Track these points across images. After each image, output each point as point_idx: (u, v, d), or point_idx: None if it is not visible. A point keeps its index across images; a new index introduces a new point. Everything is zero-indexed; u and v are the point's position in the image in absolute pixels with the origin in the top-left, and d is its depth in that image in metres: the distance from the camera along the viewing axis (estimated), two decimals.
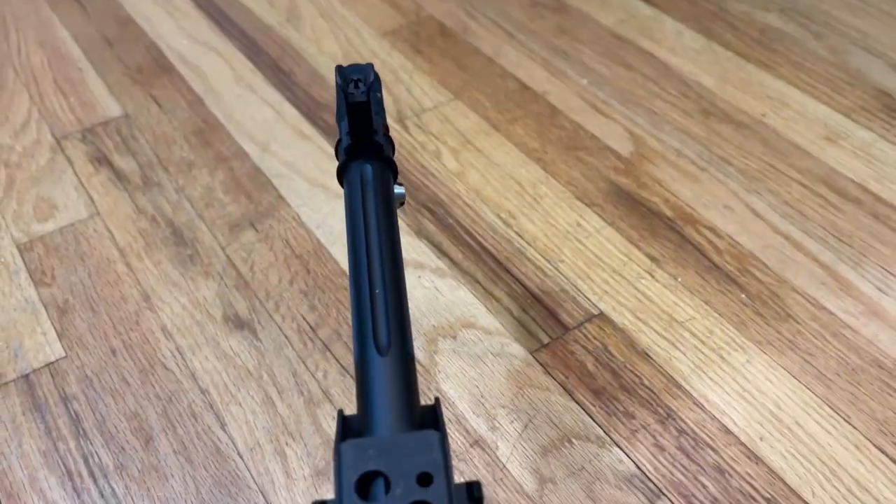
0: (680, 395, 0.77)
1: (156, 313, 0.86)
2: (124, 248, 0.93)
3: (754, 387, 0.77)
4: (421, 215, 0.96)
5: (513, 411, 0.76)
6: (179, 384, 0.79)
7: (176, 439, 0.75)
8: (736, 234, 0.91)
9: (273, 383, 0.79)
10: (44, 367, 0.81)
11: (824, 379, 0.78)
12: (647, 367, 0.79)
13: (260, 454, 0.74)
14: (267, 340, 0.83)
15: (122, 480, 0.72)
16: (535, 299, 0.86)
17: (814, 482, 0.70)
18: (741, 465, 0.72)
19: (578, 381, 0.78)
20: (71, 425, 0.76)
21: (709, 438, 0.74)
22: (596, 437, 0.74)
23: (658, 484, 0.70)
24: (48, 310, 0.87)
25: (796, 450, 0.72)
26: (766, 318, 0.83)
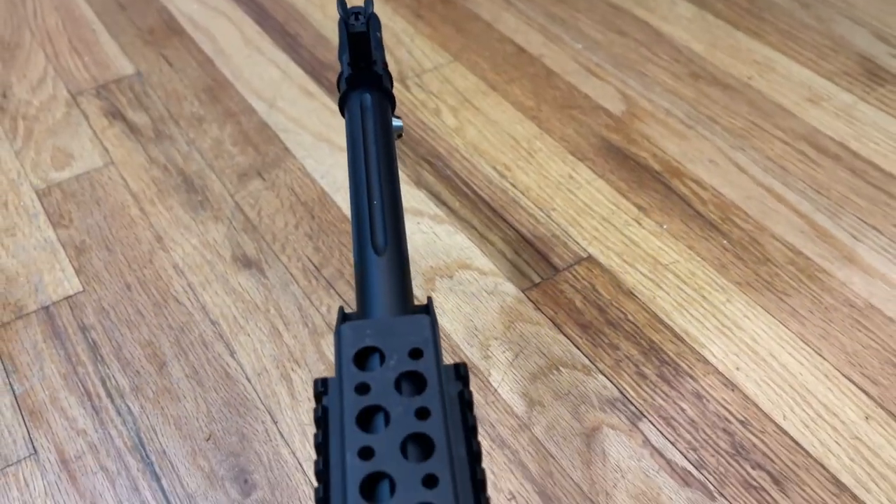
0: (662, 329, 0.82)
1: (168, 253, 0.91)
2: (138, 194, 0.98)
3: (732, 323, 0.82)
4: (420, 167, 1.00)
5: (504, 343, 0.81)
6: (191, 316, 0.84)
7: (188, 365, 0.80)
8: (720, 186, 0.96)
9: (279, 316, 0.84)
10: (62, 301, 0.86)
11: (798, 316, 0.82)
12: (632, 304, 0.84)
13: (267, 379, 0.79)
14: (274, 278, 0.88)
15: (138, 401, 0.77)
16: (527, 243, 0.91)
17: (785, 407, 0.75)
18: (718, 391, 0.76)
19: (567, 317, 0.83)
20: (89, 352, 0.81)
21: (688, 368, 0.78)
22: (582, 366, 0.79)
23: (639, 407, 0.75)
24: (66, 249, 0.92)
25: (770, 378, 0.77)
26: (745, 261, 0.88)
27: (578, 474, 0.71)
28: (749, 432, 0.73)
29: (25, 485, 0.71)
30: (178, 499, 0.70)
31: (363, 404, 0.40)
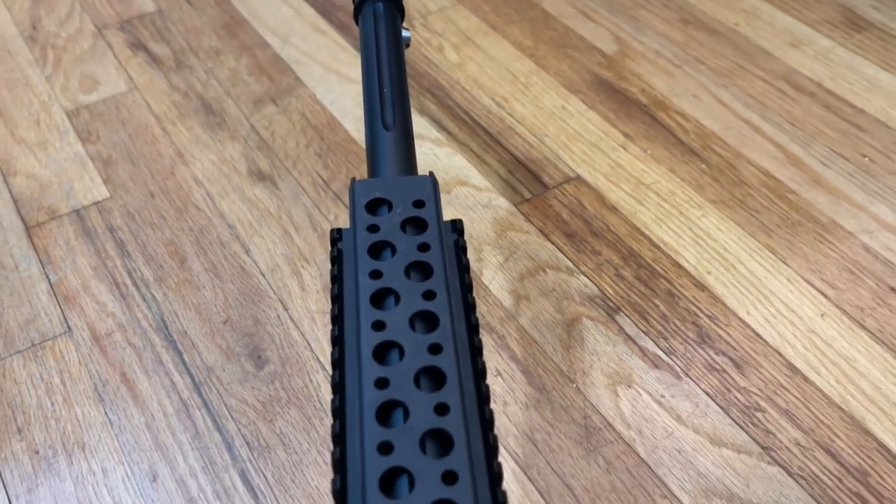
0: (641, 239, 0.89)
1: (188, 167, 0.98)
2: (160, 116, 1.05)
3: (706, 234, 0.89)
4: (423, 97, 1.08)
5: (496, 248, 0.89)
6: (209, 220, 0.92)
7: (206, 261, 0.88)
8: (702, 119, 1.03)
9: (291, 222, 0.92)
10: (92, 205, 0.94)
11: (767, 230, 0.89)
12: (615, 217, 0.91)
13: (279, 274, 0.86)
14: (286, 190, 0.95)
15: (161, 289, 0.85)
16: (520, 164, 0.98)
17: (749, 305, 0.82)
18: (689, 291, 0.84)
19: (554, 227, 0.90)
20: (116, 248, 0.89)
21: (663, 271, 0.86)
22: (566, 268, 0.86)
23: (617, 303, 0.83)
24: (94, 162, 0.99)
25: (737, 281, 0.84)
26: (721, 183, 0.95)
27: (558, 357, 0.78)
28: (715, 325, 0.81)
29: (61, 356, 0.79)
30: (198, 370, 0.78)
31: (374, 240, 0.47)
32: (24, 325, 0.82)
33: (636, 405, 0.75)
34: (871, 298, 0.83)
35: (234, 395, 0.76)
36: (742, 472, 0.70)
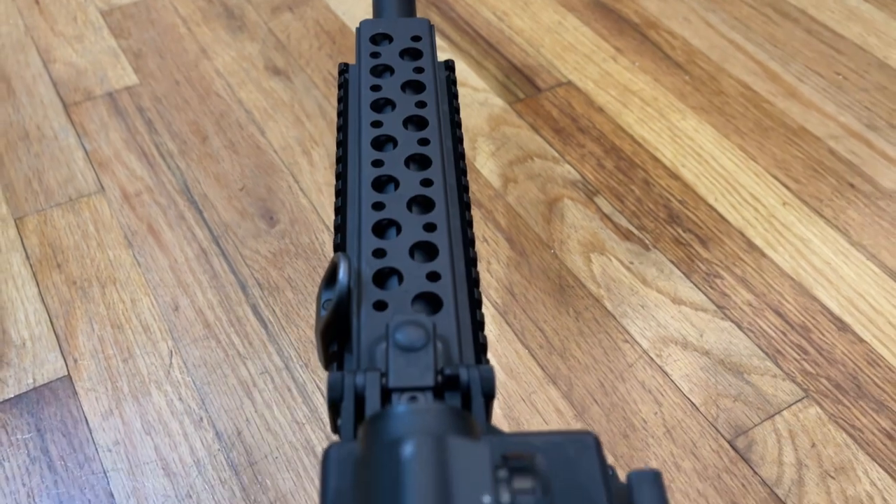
0: (623, 136, 0.97)
1: (211, 61, 1.07)
2: (185, 18, 1.14)
3: (684, 134, 0.97)
4: (428, 10, 1.16)
5: (489, 139, 0.97)
6: (229, 106, 1.00)
7: (225, 139, 0.96)
8: (689, 38, 1.11)
9: (302, 110, 1.00)
10: (123, 90, 1.03)
11: (741, 133, 0.97)
12: (601, 117, 0.99)
13: (291, 152, 0.95)
14: (299, 83, 1.04)
15: (185, 160, 0.94)
16: (516, 70, 1.06)
17: (717, 193, 0.90)
18: (664, 180, 0.92)
19: (544, 123, 0.99)
20: (145, 125, 0.98)
21: (641, 163, 0.94)
22: (552, 157, 0.94)
23: (596, 187, 0.91)
24: (126, 54, 1.08)
25: (708, 173, 0.92)
26: (702, 92, 1.03)
27: (539, 228, 0.87)
28: (684, 208, 0.89)
29: (95, 209, 0.88)
30: (216, 225, 0.87)
31: (375, 63, 0.56)
32: (62, 183, 0.91)
33: (606, 269, 0.83)
34: (831, 192, 0.91)
35: (248, 246, 0.85)
36: (697, 325, 0.79)
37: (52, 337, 0.78)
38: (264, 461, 0.69)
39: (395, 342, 0.37)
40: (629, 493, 0.32)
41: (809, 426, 0.72)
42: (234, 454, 0.70)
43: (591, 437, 0.33)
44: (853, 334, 0.78)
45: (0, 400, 0.73)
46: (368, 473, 0.28)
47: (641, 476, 0.32)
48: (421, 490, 0.26)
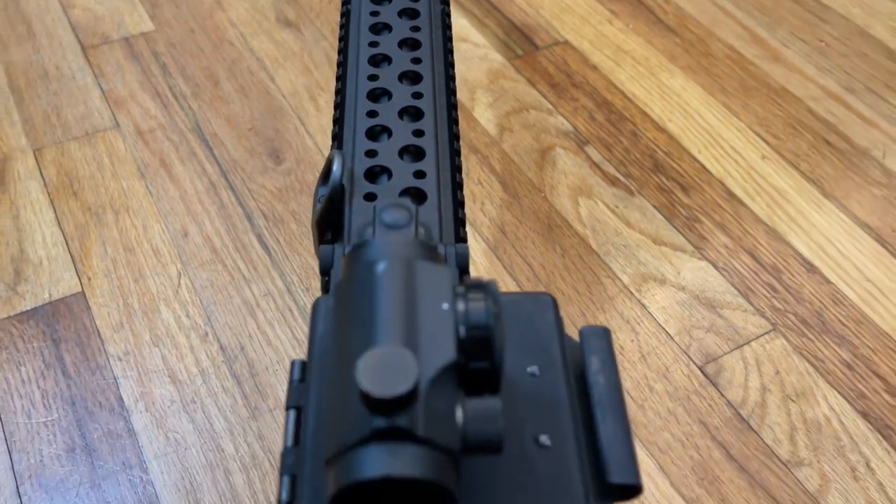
0: (615, 91, 1.02)
1: (225, 12, 1.11)
2: None
3: (672, 91, 1.02)
4: None
5: (488, 91, 1.02)
6: (241, 54, 1.05)
7: (236, 83, 1.01)
8: (681, 3, 1.15)
9: (311, 60, 1.05)
10: (139, 35, 1.07)
11: (726, 92, 1.02)
12: (594, 74, 1.04)
13: (298, 98, 0.99)
14: (308, 35, 1.08)
15: (197, 102, 0.98)
16: (516, 28, 1.11)
17: (701, 145, 0.95)
18: (651, 132, 0.97)
19: (540, 78, 1.03)
20: (159, 69, 1.02)
21: (630, 117, 0.98)
22: (546, 109, 0.99)
23: (587, 137, 0.96)
24: (142, 2, 1.12)
25: (693, 127, 0.97)
26: (691, 53, 1.07)
27: (531, 173, 0.92)
28: (669, 159, 0.93)
29: (111, 143, 0.93)
30: (226, 162, 0.91)
31: None
32: (79, 119, 0.96)
33: (593, 211, 0.88)
34: (808, 148, 0.95)
35: (255, 181, 0.90)
36: (676, 264, 0.83)
37: (68, 257, 0.83)
38: (265, 373, 0.74)
39: (380, 221, 0.42)
40: (580, 344, 0.37)
41: (775, 356, 0.76)
42: (237, 366, 0.75)
43: (549, 296, 0.38)
44: (821, 276, 0.83)
45: (18, 312, 0.78)
46: (348, 289, 0.33)
47: (592, 330, 0.37)
48: (391, 297, 0.31)
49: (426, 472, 0.27)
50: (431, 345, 0.30)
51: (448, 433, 0.28)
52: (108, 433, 0.70)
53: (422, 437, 0.27)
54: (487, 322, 0.30)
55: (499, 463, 0.33)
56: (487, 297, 0.31)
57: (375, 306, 0.31)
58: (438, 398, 0.28)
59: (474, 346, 0.30)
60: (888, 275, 0.83)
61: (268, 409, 0.72)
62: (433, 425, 0.27)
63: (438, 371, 0.29)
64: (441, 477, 0.27)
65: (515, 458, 0.33)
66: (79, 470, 0.68)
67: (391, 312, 0.30)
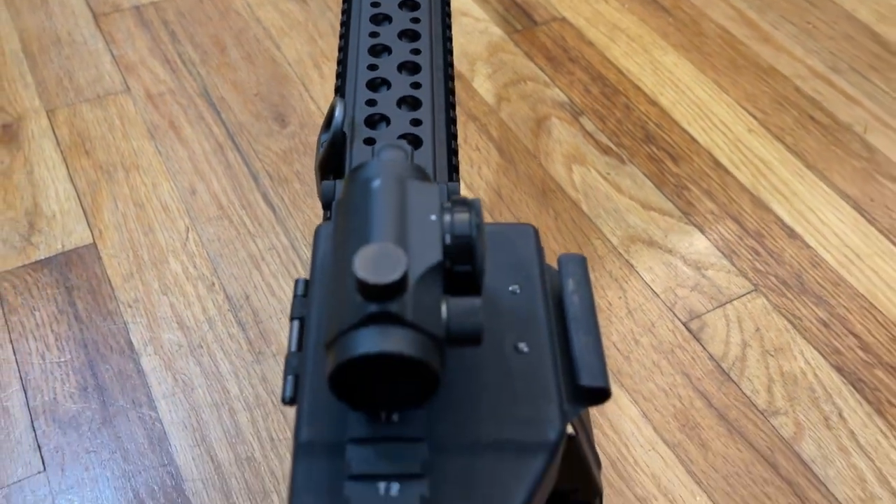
0: (609, 66, 1.05)
1: None
2: None
3: (664, 68, 1.05)
4: None
5: (487, 63, 1.05)
6: (247, 23, 1.08)
7: (243, 51, 1.04)
8: None
9: (316, 30, 1.08)
10: (149, 4, 1.10)
11: (716, 69, 1.06)
12: (590, 50, 1.07)
13: (303, 66, 1.03)
14: (314, 5, 1.11)
15: (205, 68, 1.02)
16: (515, 4, 1.14)
17: (691, 118, 0.99)
18: (643, 106, 1.00)
19: (538, 52, 1.07)
20: (169, 36, 1.06)
21: (623, 91, 1.02)
22: (543, 82, 1.02)
23: (582, 108, 0.99)
24: None
25: (683, 101, 1.01)
26: (684, 32, 1.11)
27: (527, 140, 0.95)
28: (660, 130, 0.97)
29: (121, 106, 0.96)
30: (232, 125, 0.95)
31: None
32: (91, 83, 0.99)
33: (585, 178, 0.91)
34: (793, 123, 0.99)
35: (261, 143, 0.93)
36: (663, 227, 0.87)
37: (80, 211, 0.86)
38: (269, 321, 0.78)
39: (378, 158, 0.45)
40: (559, 269, 0.41)
41: (756, 314, 0.80)
42: (242, 314, 0.78)
43: (531, 227, 0.42)
44: (801, 241, 0.86)
45: (32, 261, 0.82)
46: (346, 203, 0.36)
47: (569, 257, 0.41)
48: (385, 206, 0.34)
49: (414, 351, 0.30)
50: (420, 247, 0.33)
51: (434, 322, 0.31)
52: (119, 374, 0.73)
53: (410, 322, 0.30)
54: (471, 232, 0.34)
55: (481, 366, 0.37)
56: (471, 211, 0.34)
57: (371, 214, 0.34)
58: (426, 293, 0.32)
59: (458, 252, 0.34)
60: (865, 241, 0.87)
61: (271, 355, 0.75)
62: (421, 314, 0.31)
63: (426, 270, 0.32)
64: (428, 357, 0.30)
65: (496, 362, 0.37)
66: (90, 407, 0.71)
67: (385, 218, 0.34)
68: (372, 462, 0.32)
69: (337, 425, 0.34)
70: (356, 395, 0.32)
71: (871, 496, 0.68)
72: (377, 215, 0.34)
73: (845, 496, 0.68)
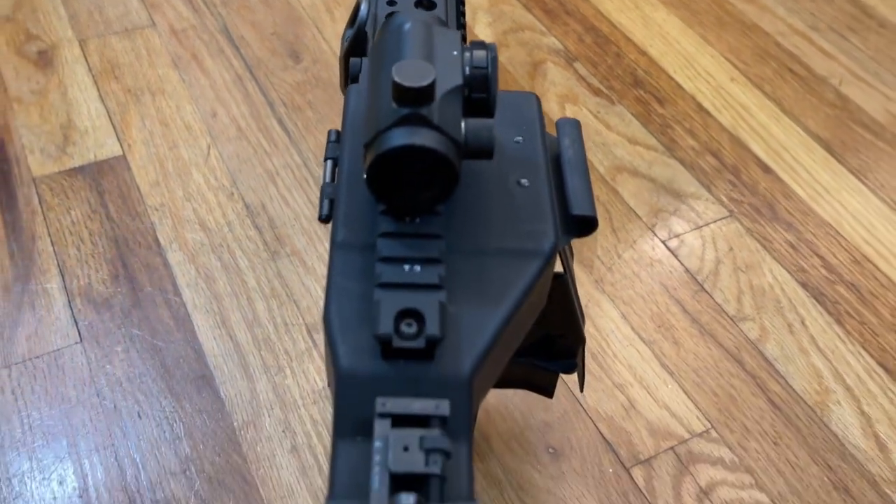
0: (603, 20, 1.12)
1: None
2: None
3: (654, 22, 1.13)
4: None
5: (488, 13, 1.12)
6: None
7: None
8: None
9: None
10: None
11: (703, 25, 1.13)
12: (585, 4, 1.15)
13: (316, 9, 1.10)
14: None
15: (225, 9, 1.09)
16: None
17: (677, 67, 1.06)
18: (633, 55, 1.07)
19: (535, 4, 1.14)
20: None
21: (615, 41, 1.09)
22: (540, 31, 1.10)
23: (575, 55, 1.07)
24: None
25: (672, 53, 1.08)
26: None
27: (524, 82, 1.02)
28: (648, 76, 1.04)
29: (147, 39, 1.03)
30: (250, 59, 1.02)
31: None
32: (119, 17, 1.06)
33: (577, 114, 0.99)
34: (772, 74, 1.06)
35: (276, 76, 1.00)
36: (647, 160, 0.94)
37: (110, 127, 0.93)
38: (284, 227, 0.85)
39: None
40: (557, 130, 0.48)
41: (730, 236, 0.87)
42: (259, 220, 0.85)
43: (534, 95, 0.49)
44: (775, 175, 0.94)
45: (67, 168, 0.89)
46: (380, 43, 0.43)
47: (566, 120, 0.48)
48: (414, 40, 0.41)
49: (439, 146, 0.37)
50: (445, 72, 0.40)
51: (455, 131, 0.38)
52: (147, 265, 0.80)
53: (436, 125, 0.37)
54: (487, 65, 0.41)
55: (489, 195, 0.44)
56: (488, 49, 0.42)
57: (402, 44, 0.41)
58: (449, 107, 0.39)
59: (476, 81, 0.41)
60: (834, 178, 0.94)
61: (286, 255, 0.82)
62: (445, 120, 0.38)
63: (449, 89, 0.39)
64: (449, 154, 0.38)
65: (502, 193, 0.44)
66: (121, 292, 0.78)
67: (415, 45, 0.41)
68: (398, 249, 0.39)
69: (368, 230, 0.41)
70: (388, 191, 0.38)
71: (826, 390, 0.76)
72: (409, 43, 0.41)
73: (802, 388, 0.75)
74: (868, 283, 0.84)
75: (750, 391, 0.75)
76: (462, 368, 0.36)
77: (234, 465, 0.67)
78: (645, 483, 0.68)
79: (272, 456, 0.68)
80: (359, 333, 0.37)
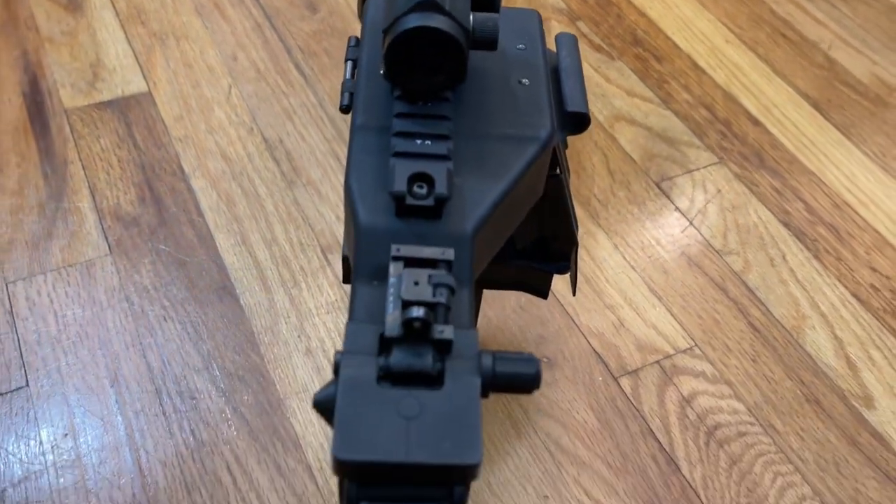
0: None
1: None
2: None
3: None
4: None
5: None
6: None
7: None
8: None
9: None
10: None
11: None
12: None
13: None
14: None
15: None
16: None
17: (675, 29, 1.11)
18: (633, 16, 1.13)
19: None
20: None
21: (616, 3, 1.15)
22: None
23: (579, 14, 1.12)
24: None
25: (670, 15, 1.13)
26: None
27: None
28: (647, 36, 1.10)
29: None
30: (270, 9, 1.07)
31: None
32: None
33: None
34: (766, 37, 1.12)
35: (294, 25, 1.05)
36: (644, 111, 1.00)
37: (136, 67, 0.98)
38: (300, 159, 0.90)
39: None
40: (556, 43, 0.54)
41: (719, 180, 0.93)
42: (277, 153, 0.91)
43: (536, 11, 0.54)
44: (764, 128, 0.99)
45: (96, 101, 0.94)
46: None
47: (564, 35, 0.54)
48: None
49: (450, 29, 0.43)
50: None
51: (465, 18, 0.44)
52: (172, 189, 0.86)
53: (448, 11, 0.43)
54: None
55: (493, 90, 0.49)
56: None
57: None
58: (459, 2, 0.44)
59: None
60: (819, 132, 0.99)
61: (302, 185, 0.88)
62: (455, 8, 0.43)
63: None
64: (459, 38, 0.43)
65: (504, 89, 0.50)
66: (148, 212, 0.84)
67: None
68: (411, 126, 0.44)
69: (384, 115, 0.46)
70: (403, 74, 0.44)
71: (803, 315, 0.81)
72: None
73: (781, 314, 0.81)
74: (846, 224, 0.89)
75: (732, 315, 0.81)
76: (465, 226, 0.42)
77: (253, 364, 0.73)
78: (632, 391, 0.74)
79: (288, 357, 0.73)
80: (375, 196, 0.43)
